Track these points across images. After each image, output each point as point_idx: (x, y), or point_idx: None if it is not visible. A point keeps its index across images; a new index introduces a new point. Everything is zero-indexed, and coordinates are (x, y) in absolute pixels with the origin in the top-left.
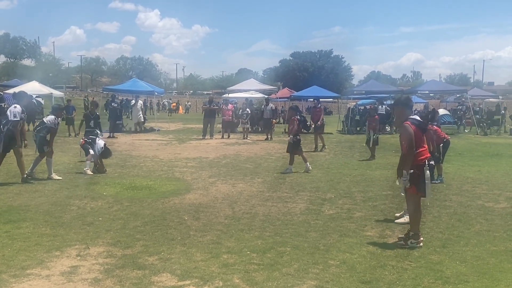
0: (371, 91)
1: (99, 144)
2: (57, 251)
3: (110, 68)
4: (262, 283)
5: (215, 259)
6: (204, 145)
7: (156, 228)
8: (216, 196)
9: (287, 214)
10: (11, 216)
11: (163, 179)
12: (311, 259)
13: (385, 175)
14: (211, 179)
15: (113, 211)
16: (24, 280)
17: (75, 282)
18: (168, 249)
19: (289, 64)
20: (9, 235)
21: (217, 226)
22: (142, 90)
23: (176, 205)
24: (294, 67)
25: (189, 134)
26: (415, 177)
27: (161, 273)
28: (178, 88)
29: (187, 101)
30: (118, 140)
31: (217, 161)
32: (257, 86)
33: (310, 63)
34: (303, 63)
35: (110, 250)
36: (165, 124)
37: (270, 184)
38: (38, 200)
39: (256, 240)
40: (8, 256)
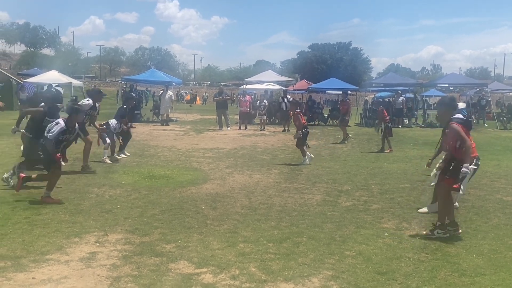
0: (390, 84)
1: (112, 123)
2: (76, 237)
3: (128, 58)
4: (278, 272)
5: (232, 248)
6: (221, 136)
7: (173, 216)
8: (233, 186)
9: (303, 205)
10: (31, 202)
11: (180, 169)
12: (327, 250)
13: (402, 168)
14: (228, 170)
15: (131, 199)
16: (44, 265)
17: (94, 268)
18: (185, 237)
19: (307, 56)
20: (29, 221)
21: (233, 215)
22: (160, 81)
23: (193, 195)
24: (312, 59)
25: (206, 125)
26: (456, 170)
27: (178, 261)
28: (196, 79)
29: (205, 92)
30: (136, 130)
31: (234, 152)
32: (275, 78)
33: (328, 55)
34: (322, 55)
35: (128, 237)
36: (182, 114)
37: (286, 175)
38: (57, 188)
39: (272, 230)
40: (28, 242)
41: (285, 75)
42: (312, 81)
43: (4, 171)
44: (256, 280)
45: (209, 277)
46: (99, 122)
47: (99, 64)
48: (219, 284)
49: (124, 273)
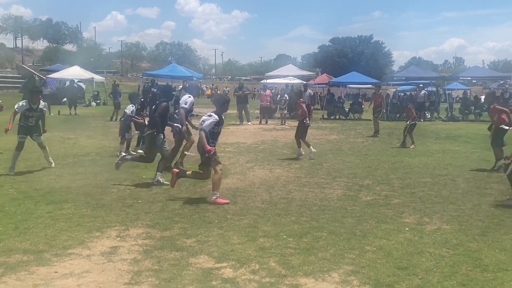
0: (412, 77)
1: (129, 109)
2: (97, 231)
3: (149, 53)
4: (298, 266)
5: (252, 242)
6: (242, 130)
7: (193, 211)
8: (253, 181)
9: (323, 200)
10: (53, 197)
11: None
12: (347, 245)
13: (424, 162)
14: (248, 164)
15: (152, 194)
16: (66, 259)
17: (115, 262)
18: (206, 231)
19: (328, 50)
20: (52, 216)
21: (254, 210)
22: (181, 75)
23: None
24: (333, 53)
25: (227, 119)
26: None
27: (199, 255)
28: (217, 74)
29: (226, 87)
30: None
31: (255, 146)
32: (295, 72)
33: (349, 49)
34: (342, 48)
35: (149, 231)
36: (203, 109)
37: (307, 169)
38: (79, 183)
39: (292, 224)
40: (50, 236)
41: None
42: (333, 75)
43: (27, 166)
44: (276, 275)
45: (229, 271)
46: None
47: (120, 59)
48: (239, 279)
49: (144, 268)
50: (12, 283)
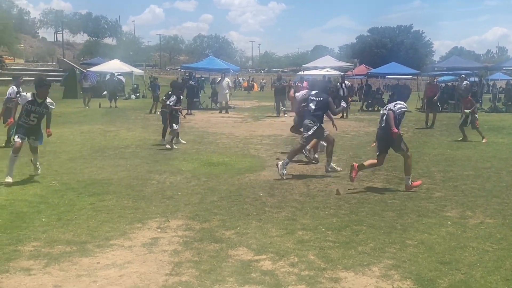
0: (453, 68)
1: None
2: (138, 223)
3: (187, 46)
4: (338, 260)
5: (290, 235)
6: (279, 122)
7: (232, 203)
8: (291, 173)
9: (362, 193)
10: (95, 189)
11: (238, 156)
12: (388, 238)
13: (466, 154)
14: (285, 157)
15: (191, 186)
16: (108, 250)
17: (156, 253)
18: (244, 224)
19: (366, 40)
20: (94, 207)
21: (292, 203)
22: (218, 68)
23: (251, 182)
24: (371, 43)
25: (264, 111)
26: None
27: (238, 247)
28: (254, 66)
29: (262, 79)
30: (195, 118)
31: (292, 138)
32: (333, 63)
33: (388, 39)
34: (381, 39)
35: (189, 223)
36: (240, 101)
37: (345, 162)
38: (120, 174)
39: (331, 217)
40: (93, 227)
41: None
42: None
43: (69, 158)
44: (315, 268)
45: (268, 264)
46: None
47: (159, 52)
48: (278, 271)
49: (185, 259)
50: (55, 274)
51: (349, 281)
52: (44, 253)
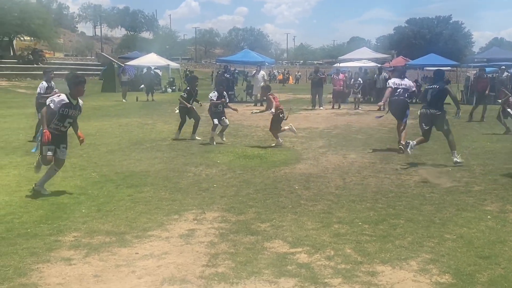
0: (494, 59)
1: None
2: (175, 214)
3: (222, 40)
4: (374, 254)
5: (326, 228)
6: (314, 115)
7: (267, 196)
8: (326, 167)
9: (400, 186)
10: (133, 181)
11: (273, 149)
12: (426, 233)
13: (507, 147)
14: (321, 150)
15: (226, 178)
16: (146, 241)
17: (193, 244)
18: (280, 216)
19: (404, 32)
20: (132, 199)
21: (327, 196)
22: (253, 61)
23: (286, 174)
24: (409, 35)
25: (299, 104)
26: None
27: (273, 240)
28: (289, 58)
29: (297, 71)
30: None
31: (328, 131)
32: (370, 55)
33: (427, 30)
34: (419, 30)
35: (225, 215)
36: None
37: (382, 155)
38: (158, 167)
39: (368, 211)
40: (131, 218)
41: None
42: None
43: (108, 150)
44: (351, 261)
45: (304, 257)
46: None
47: (194, 46)
48: (314, 264)
49: (221, 250)
50: (95, 263)
51: (386, 275)
52: (84, 243)
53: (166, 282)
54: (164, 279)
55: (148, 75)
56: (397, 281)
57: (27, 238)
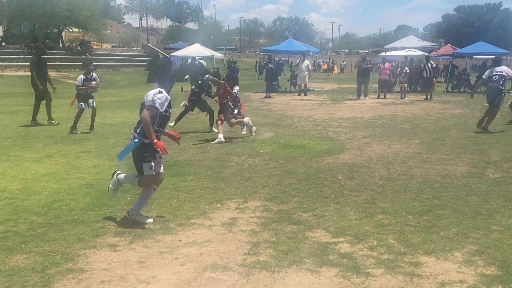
0: None
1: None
2: (218, 203)
3: (267, 29)
4: (418, 245)
5: (369, 218)
6: (359, 105)
7: (310, 186)
8: (370, 157)
9: (446, 177)
10: (177, 170)
11: (317, 139)
12: (472, 224)
13: None
14: (365, 140)
15: (269, 168)
16: (189, 229)
17: (235, 233)
18: (322, 206)
19: (452, 19)
20: (176, 187)
21: (371, 186)
22: (297, 50)
23: (329, 164)
24: (458, 22)
25: (344, 94)
26: None
27: (315, 229)
28: (334, 48)
29: (343, 61)
30: (274, 100)
31: (372, 121)
32: (417, 43)
33: (476, 18)
34: (468, 17)
35: (267, 204)
36: (319, 84)
37: (428, 145)
38: (201, 156)
39: (412, 202)
40: (174, 207)
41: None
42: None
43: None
44: (395, 252)
45: (346, 246)
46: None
47: (239, 36)
48: (357, 254)
49: (262, 239)
50: (139, 250)
51: (430, 266)
52: (129, 230)
53: (208, 269)
54: (206, 266)
55: (193, 65)
56: (441, 272)
57: (74, 225)
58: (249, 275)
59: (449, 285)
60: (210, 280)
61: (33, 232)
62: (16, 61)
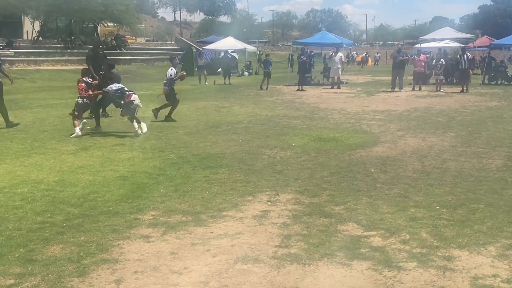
0: None
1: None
2: (249, 196)
3: (300, 22)
4: (452, 238)
5: (402, 212)
6: (393, 97)
7: (342, 179)
8: (404, 150)
9: (481, 170)
10: (209, 162)
11: (350, 132)
12: (506, 218)
13: None
14: (399, 133)
15: (301, 161)
16: (221, 221)
17: (266, 225)
18: (354, 199)
19: (489, 10)
20: (208, 180)
21: (404, 179)
22: (330, 43)
23: (362, 157)
24: (495, 13)
25: (378, 86)
26: None
27: (347, 223)
28: (368, 40)
29: (377, 53)
30: (306, 93)
31: (407, 114)
32: (453, 35)
33: None
34: (506, 8)
35: (298, 197)
36: (353, 76)
37: (464, 138)
38: (233, 149)
39: (446, 195)
40: (206, 199)
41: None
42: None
43: (186, 133)
44: (427, 245)
45: (378, 240)
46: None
47: (271, 29)
48: (389, 248)
49: (294, 232)
50: (172, 241)
51: (463, 260)
52: (162, 222)
53: (239, 261)
54: (238, 258)
55: (225, 58)
56: (474, 266)
57: (108, 216)
58: (280, 268)
59: (482, 279)
60: (241, 272)
61: (69, 223)
62: (53, 55)
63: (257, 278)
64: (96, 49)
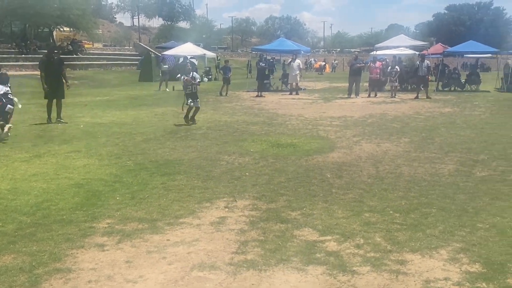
0: None
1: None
2: (207, 202)
3: (259, 28)
4: (404, 242)
5: (357, 217)
6: (350, 104)
7: (299, 184)
8: (360, 155)
9: (434, 175)
10: (167, 169)
11: (307, 137)
12: (458, 222)
13: None
14: (355, 138)
15: (258, 167)
16: (177, 228)
17: (223, 232)
18: (310, 205)
19: (443, 18)
20: (165, 187)
21: (359, 184)
22: (288, 49)
23: (319, 163)
24: (449, 21)
25: (335, 93)
26: None
27: (303, 228)
28: (326, 47)
29: (334, 60)
30: (265, 99)
31: (362, 120)
32: (407, 42)
33: (467, 16)
34: (459, 16)
35: (256, 203)
36: (311, 83)
37: (417, 144)
38: (191, 155)
39: (400, 200)
40: (163, 206)
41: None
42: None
43: (144, 139)
44: (381, 250)
45: (333, 245)
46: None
47: (231, 35)
48: (343, 252)
49: (251, 238)
50: (127, 249)
51: (415, 263)
52: (117, 230)
53: (196, 268)
54: (194, 265)
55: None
56: (426, 270)
57: (62, 225)
58: (236, 274)
59: (434, 283)
60: (198, 279)
61: (22, 232)
62: (7, 60)
63: (213, 285)
64: (50, 54)
